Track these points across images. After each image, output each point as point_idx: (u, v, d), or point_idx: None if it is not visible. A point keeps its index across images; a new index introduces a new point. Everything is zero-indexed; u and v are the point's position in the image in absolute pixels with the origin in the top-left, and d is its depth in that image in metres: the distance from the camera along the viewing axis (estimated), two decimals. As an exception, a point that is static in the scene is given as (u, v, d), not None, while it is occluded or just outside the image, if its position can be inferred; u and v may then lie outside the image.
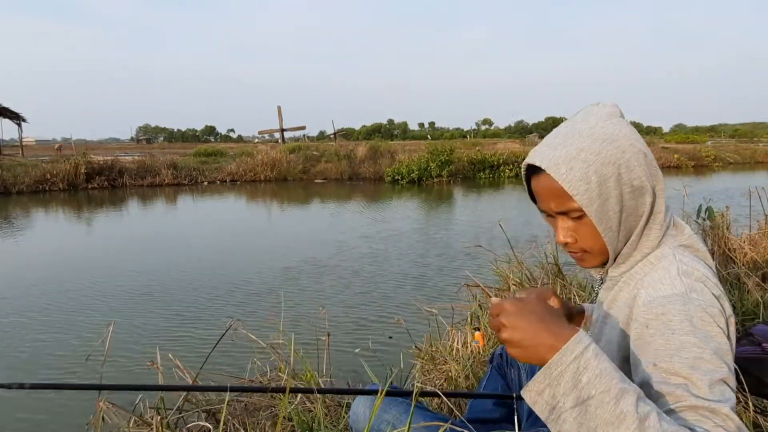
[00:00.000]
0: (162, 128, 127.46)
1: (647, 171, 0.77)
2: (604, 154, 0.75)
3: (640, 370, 0.73)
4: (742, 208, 3.86)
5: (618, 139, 0.76)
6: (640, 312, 0.74)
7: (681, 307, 0.70)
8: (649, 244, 0.81)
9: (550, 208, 0.82)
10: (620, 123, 0.79)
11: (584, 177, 0.75)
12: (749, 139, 45.58)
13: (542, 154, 0.79)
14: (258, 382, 1.94)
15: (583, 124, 0.79)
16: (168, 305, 4.60)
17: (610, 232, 0.78)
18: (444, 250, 6.72)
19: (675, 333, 0.69)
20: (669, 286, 0.73)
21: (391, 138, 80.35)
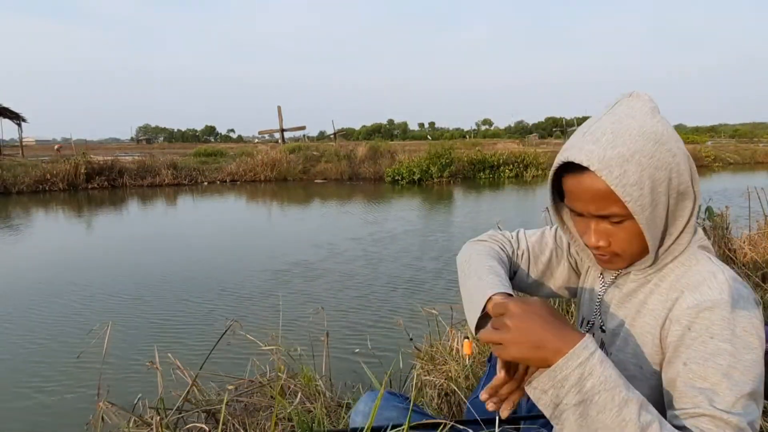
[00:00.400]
0: (162, 128, 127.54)
1: (691, 175, 0.74)
2: (657, 157, 0.70)
3: (671, 368, 0.72)
4: (742, 209, 3.85)
5: (668, 140, 0.72)
6: (684, 314, 0.71)
7: (726, 314, 0.68)
8: (680, 248, 0.78)
9: (589, 210, 0.75)
10: (664, 121, 0.74)
11: (638, 182, 0.69)
12: (749, 139, 45.60)
13: (590, 152, 0.71)
14: (257, 382, 1.94)
15: (632, 121, 0.72)
16: (167, 306, 4.60)
17: (655, 239, 0.75)
18: (444, 250, 6.72)
19: (714, 338, 0.68)
20: (717, 290, 0.70)
21: (391, 138, 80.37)
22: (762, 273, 2.62)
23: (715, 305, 0.69)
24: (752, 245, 2.97)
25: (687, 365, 0.69)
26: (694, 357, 0.68)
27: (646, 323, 0.79)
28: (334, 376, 2.18)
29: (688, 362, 0.69)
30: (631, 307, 0.82)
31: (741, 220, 3.75)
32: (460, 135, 77.45)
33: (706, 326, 0.69)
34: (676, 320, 0.72)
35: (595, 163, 0.70)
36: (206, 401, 1.80)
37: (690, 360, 0.68)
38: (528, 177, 18.28)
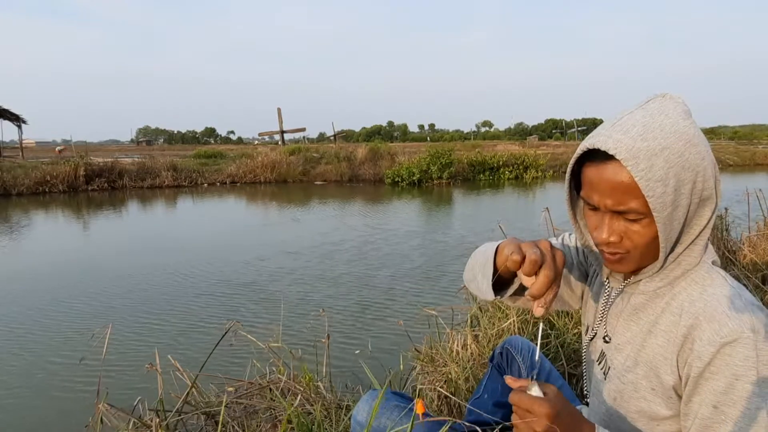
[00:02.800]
0: (162, 130, 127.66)
1: (716, 183, 0.71)
2: (686, 157, 0.68)
3: (695, 404, 0.70)
4: (742, 210, 3.85)
5: (699, 143, 0.69)
6: (706, 350, 0.68)
7: (750, 351, 0.65)
8: (691, 260, 0.75)
9: (606, 203, 0.71)
10: (696, 126, 0.72)
11: (663, 179, 0.67)
12: (749, 141, 45.61)
13: (618, 141, 0.68)
14: (257, 384, 1.93)
15: (665, 119, 0.69)
16: (167, 307, 4.60)
17: (669, 243, 0.72)
18: (444, 251, 6.71)
19: (739, 379, 0.66)
20: (737, 321, 0.67)
21: (391, 140, 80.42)
22: (762, 275, 2.62)
23: (737, 340, 0.66)
24: (752, 247, 2.97)
25: (718, 408, 0.67)
26: (724, 400, 0.66)
27: (658, 345, 0.76)
28: (335, 377, 2.18)
29: (719, 406, 0.67)
30: (641, 324, 0.80)
31: (741, 222, 3.76)
32: (460, 137, 77.51)
33: (728, 364, 0.66)
34: (698, 356, 0.69)
35: (622, 152, 0.67)
36: (206, 403, 1.80)
37: (720, 403, 0.67)
38: (528, 179, 18.29)
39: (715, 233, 3.04)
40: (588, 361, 0.93)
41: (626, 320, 0.82)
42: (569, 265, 0.98)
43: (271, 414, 1.76)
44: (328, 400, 1.84)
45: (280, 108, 28.10)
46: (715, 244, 2.98)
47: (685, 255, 0.75)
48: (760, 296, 2.32)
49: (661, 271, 0.76)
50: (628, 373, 0.80)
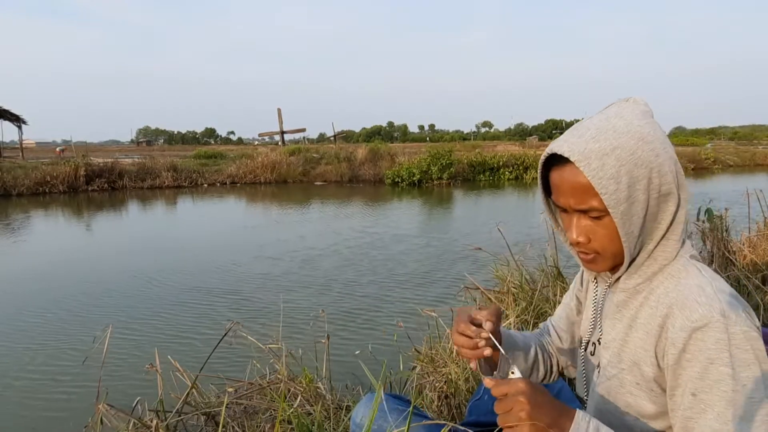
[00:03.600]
0: (162, 130, 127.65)
1: (676, 178, 0.74)
2: (638, 154, 0.71)
3: (677, 396, 0.73)
4: (742, 211, 3.85)
5: (653, 141, 0.73)
6: (678, 336, 0.71)
7: (721, 335, 0.68)
8: (666, 255, 0.78)
9: (569, 203, 0.76)
10: (654, 124, 0.75)
11: (615, 176, 0.71)
12: (749, 141, 45.65)
13: (572, 144, 0.73)
14: (257, 384, 1.93)
15: (619, 121, 0.74)
16: (168, 307, 4.60)
17: (631, 237, 0.75)
18: (443, 252, 6.71)
19: (714, 363, 0.68)
20: (707, 306, 0.70)
21: (391, 140, 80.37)
22: (762, 275, 2.62)
23: (707, 325, 0.68)
24: (752, 247, 2.96)
25: (696, 396, 0.69)
26: (701, 386, 0.69)
27: (639, 339, 0.78)
28: (335, 378, 2.18)
29: (696, 393, 0.69)
30: (623, 320, 0.82)
31: (741, 222, 3.75)
32: (460, 137, 77.51)
33: (701, 349, 0.69)
34: (671, 343, 0.72)
35: (575, 154, 0.71)
36: (206, 404, 1.80)
37: (697, 390, 0.69)
38: (528, 179, 18.29)
39: (715, 233, 3.04)
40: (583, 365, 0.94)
41: (611, 319, 0.85)
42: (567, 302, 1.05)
43: (271, 414, 1.76)
44: (328, 400, 1.84)
45: (280, 108, 28.14)
46: (715, 244, 2.98)
47: (659, 250, 0.78)
48: (760, 296, 2.32)
49: (639, 268, 0.79)
50: (613, 369, 0.82)
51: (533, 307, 2.56)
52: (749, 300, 2.31)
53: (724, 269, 2.68)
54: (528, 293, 2.74)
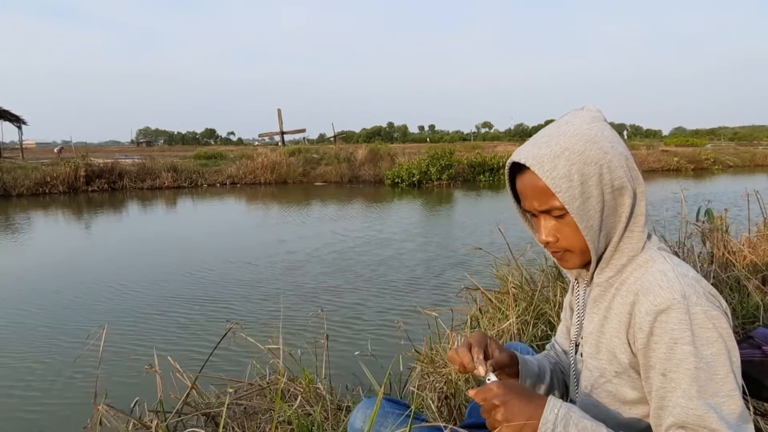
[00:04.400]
0: (162, 131, 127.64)
1: (628, 173, 0.79)
2: (587, 154, 0.77)
3: (651, 378, 0.76)
4: (742, 211, 3.85)
5: (601, 140, 0.78)
6: (645, 321, 0.75)
7: (682, 315, 0.72)
8: (632, 246, 0.82)
9: (534, 206, 0.83)
10: (604, 126, 0.81)
11: (567, 175, 0.77)
12: (749, 142, 45.65)
13: (527, 152, 0.80)
14: (257, 385, 1.93)
15: (569, 126, 0.80)
16: (167, 308, 4.60)
17: (591, 231, 0.80)
18: (443, 252, 6.71)
19: (677, 343, 0.72)
20: (668, 290, 0.74)
21: (391, 141, 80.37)
22: (762, 275, 2.61)
23: (670, 306, 0.73)
24: (752, 248, 2.96)
25: (666, 376, 0.73)
26: (668, 366, 0.73)
27: (613, 328, 0.82)
28: (334, 378, 2.18)
29: (666, 373, 0.73)
30: (599, 313, 0.86)
31: (741, 223, 3.75)
32: (460, 138, 77.51)
33: (665, 330, 0.73)
34: (639, 328, 0.76)
35: (530, 160, 0.79)
36: (206, 404, 1.80)
37: (666, 370, 0.73)
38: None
39: (714, 234, 3.04)
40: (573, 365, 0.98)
41: (589, 313, 0.90)
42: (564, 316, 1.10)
43: (270, 415, 1.76)
44: (327, 401, 1.83)
45: (280, 109, 28.15)
46: (714, 244, 2.98)
47: (625, 243, 0.82)
48: (760, 297, 2.32)
49: (610, 262, 0.84)
50: (593, 360, 0.86)
51: (533, 307, 2.55)
52: (749, 300, 2.31)
53: (724, 270, 2.68)
54: (528, 293, 2.74)
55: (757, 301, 2.27)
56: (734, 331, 2.14)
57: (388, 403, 1.09)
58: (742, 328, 2.16)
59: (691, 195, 3.67)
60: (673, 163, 23.47)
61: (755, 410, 1.47)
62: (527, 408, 0.74)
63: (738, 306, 2.26)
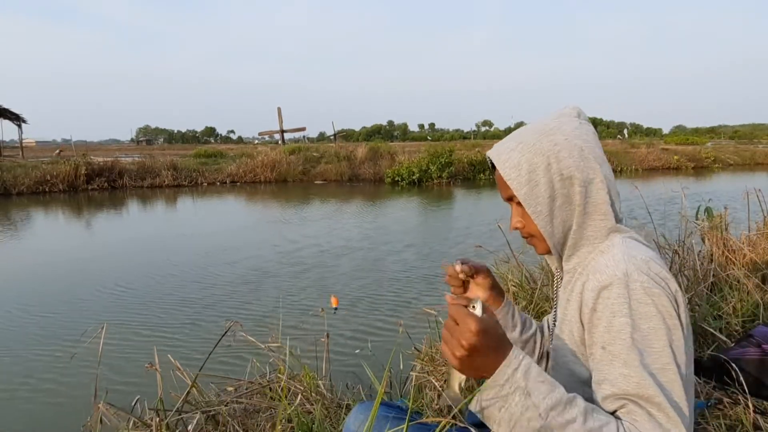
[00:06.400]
0: (162, 129, 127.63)
1: (579, 163, 0.83)
2: (537, 145, 0.84)
3: (594, 354, 0.78)
4: (742, 210, 3.85)
5: (555, 133, 0.84)
6: (589, 297, 0.79)
7: (621, 290, 0.75)
8: (595, 234, 0.85)
9: (502, 196, 0.91)
10: (566, 121, 0.86)
11: (516, 165, 0.84)
12: (749, 140, 45.61)
13: (494, 148, 0.89)
14: (257, 383, 1.93)
15: (534, 123, 0.88)
16: (167, 306, 4.60)
17: (540, 216, 0.85)
18: (444, 250, 6.71)
19: (615, 316, 0.74)
20: (613, 268, 0.77)
21: (391, 139, 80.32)
22: (762, 274, 2.61)
23: (611, 282, 0.76)
24: (752, 246, 2.96)
25: (605, 349, 0.75)
26: (607, 339, 0.75)
27: (572, 309, 0.86)
28: (335, 377, 2.18)
29: (605, 346, 0.75)
30: (565, 297, 0.91)
31: (740, 222, 3.75)
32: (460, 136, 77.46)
33: (606, 305, 0.76)
34: (585, 304, 0.80)
35: (493, 154, 0.88)
36: (206, 402, 1.80)
37: (605, 343, 0.75)
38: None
39: (714, 232, 3.04)
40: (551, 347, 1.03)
41: (560, 299, 0.95)
42: None
43: (271, 414, 1.76)
44: (328, 399, 1.84)
45: (280, 107, 28.12)
46: (714, 243, 2.98)
47: (588, 230, 0.86)
48: (760, 295, 2.32)
49: (576, 250, 0.88)
50: (558, 341, 0.91)
51: (534, 305, 2.56)
52: (749, 299, 2.31)
53: (724, 268, 2.68)
54: (528, 291, 2.74)
55: (756, 300, 2.27)
56: (734, 330, 2.15)
57: (383, 408, 1.09)
58: (742, 326, 2.16)
59: (691, 194, 3.66)
60: (673, 162, 23.45)
61: (755, 409, 1.47)
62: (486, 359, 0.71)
63: (738, 304, 2.26)
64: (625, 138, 49.80)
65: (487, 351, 0.71)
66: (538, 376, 0.71)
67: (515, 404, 0.69)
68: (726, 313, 2.20)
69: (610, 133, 78.48)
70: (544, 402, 0.69)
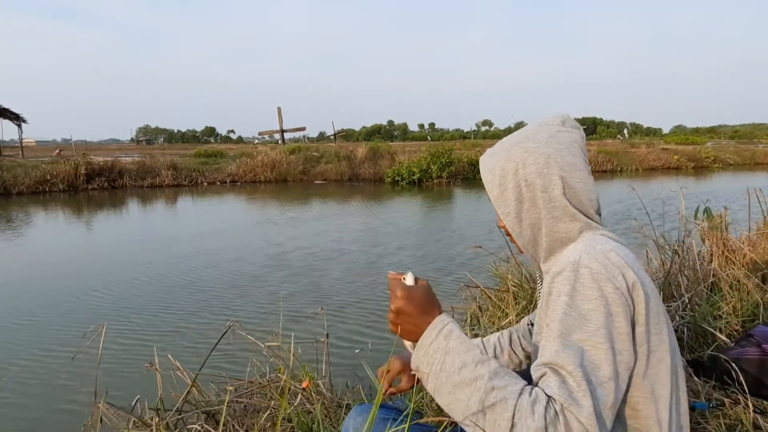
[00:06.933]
0: (162, 129, 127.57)
1: (542, 170, 0.88)
2: (510, 152, 0.91)
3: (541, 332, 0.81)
4: (742, 211, 3.85)
5: (528, 142, 0.91)
6: (546, 284, 0.84)
7: (570, 273, 0.79)
8: (568, 234, 0.89)
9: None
10: (543, 129, 0.92)
11: (492, 170, 0.93)
12: (749, 140, 45.58)
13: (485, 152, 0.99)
14: (257, 383, 1.93)
15: (516, 132, 0.96)
16: (167, 306, 4.60)
17: (508, 217, 0.92)
18: (443, 250, 6.71)
19: (560, 296, 0.78)
20: (569, 257, 0.82)
21: (391, 139, 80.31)
22: (762, 273, 2.61)
23: (564, 268, 0.80)
24: (752, 246, 2.96)
25: (548, 326, 0.79)
26: (551, 317, 0.79)
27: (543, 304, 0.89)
28: (335, 376, 2.18)
29: (549, 323, 0.79)
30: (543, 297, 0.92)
31: (741, 221, 3.75)
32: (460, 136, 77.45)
33: (555, 288, 0.80)
34: (546, 292, 0.84)
35: (480, 159, 0.98)
36: (206, 402, 1.80)
37: (549, 321, 0.79)
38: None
39: (714, 232, 3.04)
40: None
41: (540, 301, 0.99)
42: None
43: (271, 413, 1.76)
44: (328, 399, 1.84)
45: (280, 107, 28.12)
46: (714, 243, 2.98)
47: (560, 233, 0.89)
48: (760, 295, 2.32)
49: (552, 253, 0.91)
50: (536, 336, 0.93)
51: (533, 305, 2.55)
52: (749, 299, 2.31)
53: (724, 268, 2.68)
54: (528, 292, 2.74)
55: (756, 300, 2.27)
56: (734, 330, 2.15)
57: (381, 409, 1.08)
58: (742, 326, 2.16)
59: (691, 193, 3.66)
60: (673, 162, 23.45)
61: (755, 408, 1.48)
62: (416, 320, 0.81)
63: (738, 304, 2.26)
64: (625, 138, 49.75)
65: (414, 314, 0.81)
66: (458, 338, 0.78)
67: (436, 363, 0.77)
68: (726, 312, 2.20)
69: (610, 133, 78.38)
70: (459, 360, 0.75)
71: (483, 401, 0.71)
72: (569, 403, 0.68)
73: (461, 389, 0.73)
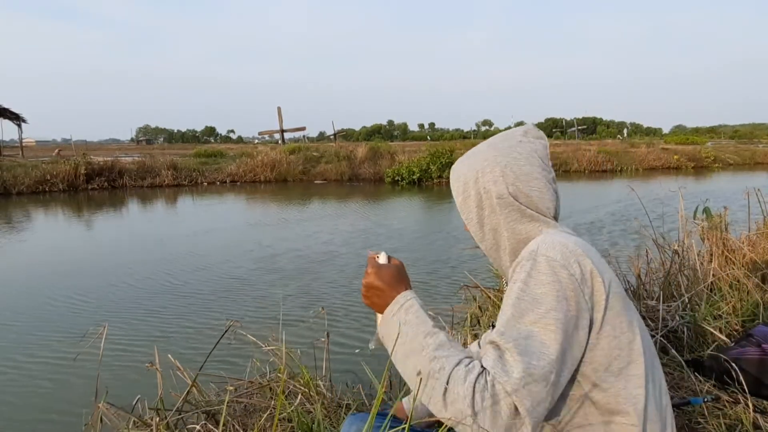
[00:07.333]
0: (162, 129, 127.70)
1: (497, 178, 0.93)
2: (473, 162, 0.97)
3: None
4: (741, 211, 3.85)
5: (488, 152, 0.96)
6: (508, 275, 0.89)
7: (527, 261, 0.82)
8: (529, 235, 0.92)
9: None
10: (505, 140, 0.98)
11: (458, 178, 0.99)
12: (749, 140, 45.62)
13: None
14: (257, 383, 1.94)
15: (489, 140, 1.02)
16: (167, 306, 4.60)
17: (471, 222, 0.97)
18: (443, 250, 6.71)
19: (516, 282, 0.81)
20: (527, 250, 0.85)
21: (391, 139, 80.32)
22: (761, 273, 2.61)
23: (523, 258, 0.84)
24: (751, 246, 2.95)
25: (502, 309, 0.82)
26: (505, 302, 0.82)
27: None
28: (334, 376, 2.18)
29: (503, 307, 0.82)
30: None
31: (740, 221, 3.75)
32: (460, 136, 77.47)
33: (514, 276, 0.84)
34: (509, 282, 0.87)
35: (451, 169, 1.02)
36: (206, 402, 1.80)
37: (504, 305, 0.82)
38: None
39: (713, 232, 3.04)
40: None
41: None
42: None
43: (271, 413, 1.76)
44: (328, 399, 1.84)
45: (280, 107, 28.13)
46: (714, 243, 2.98)
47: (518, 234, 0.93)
48: (759, 295, 2.32)
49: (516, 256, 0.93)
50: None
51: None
52: (749, 299, 2.31)
53: (724, 268, 2.68)
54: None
55: (756, 299, 2.27)
56: (734, 330, 2.15)
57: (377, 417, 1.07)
58: (742, 326, 2.16)
59: (691, 193, 3.66)
60: (673, 161, 23.46)
61: (755, 408, 1.48)
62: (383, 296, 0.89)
63: (737, 304, 2.26)
64: (625, 138, 49.79)
65: (383, 289, 0.89)
66: (416, 312, 0.85)
67: (394, 333, 0.84)
68: (726, 312, 2.20)
69: (610, 133, 78.41)
70: (412, 331, 0.82)
71: (426, 369, 0.77)
72: (500, 375, 0.72)
73: (411, 358, 0.81)
